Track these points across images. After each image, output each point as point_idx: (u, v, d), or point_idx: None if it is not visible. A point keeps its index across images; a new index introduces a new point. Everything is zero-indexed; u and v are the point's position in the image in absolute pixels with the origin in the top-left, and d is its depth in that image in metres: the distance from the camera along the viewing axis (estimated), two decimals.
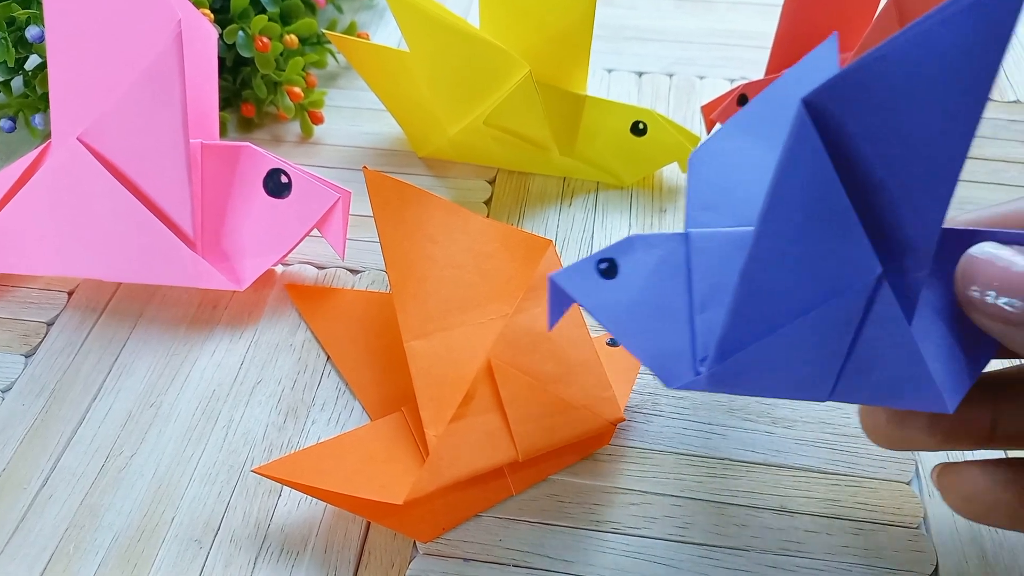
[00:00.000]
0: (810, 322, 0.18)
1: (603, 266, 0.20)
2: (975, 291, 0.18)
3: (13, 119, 0.36)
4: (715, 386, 0.19)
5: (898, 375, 0.19)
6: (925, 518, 0.26)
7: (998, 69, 0.15)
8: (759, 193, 0.17)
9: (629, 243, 0.20)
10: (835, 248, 0.17)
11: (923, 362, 0.18)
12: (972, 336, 0.19)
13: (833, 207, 0.17)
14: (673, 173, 0.38)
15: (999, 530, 0.25)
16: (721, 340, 0.19)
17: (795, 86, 0.22)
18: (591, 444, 0.27)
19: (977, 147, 0.39)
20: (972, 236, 0.19)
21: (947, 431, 0.21)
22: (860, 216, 0.17)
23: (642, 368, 0.29)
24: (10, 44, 0.34)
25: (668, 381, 0.20)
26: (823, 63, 0.22)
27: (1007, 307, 0.17)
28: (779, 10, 0.35)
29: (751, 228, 0.18)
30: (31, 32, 0.34)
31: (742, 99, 0.36)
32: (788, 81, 0.22)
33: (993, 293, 0.17)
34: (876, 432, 0.22)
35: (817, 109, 0.16)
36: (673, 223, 0.35)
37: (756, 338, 0.18)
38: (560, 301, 0.20)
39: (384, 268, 0.33)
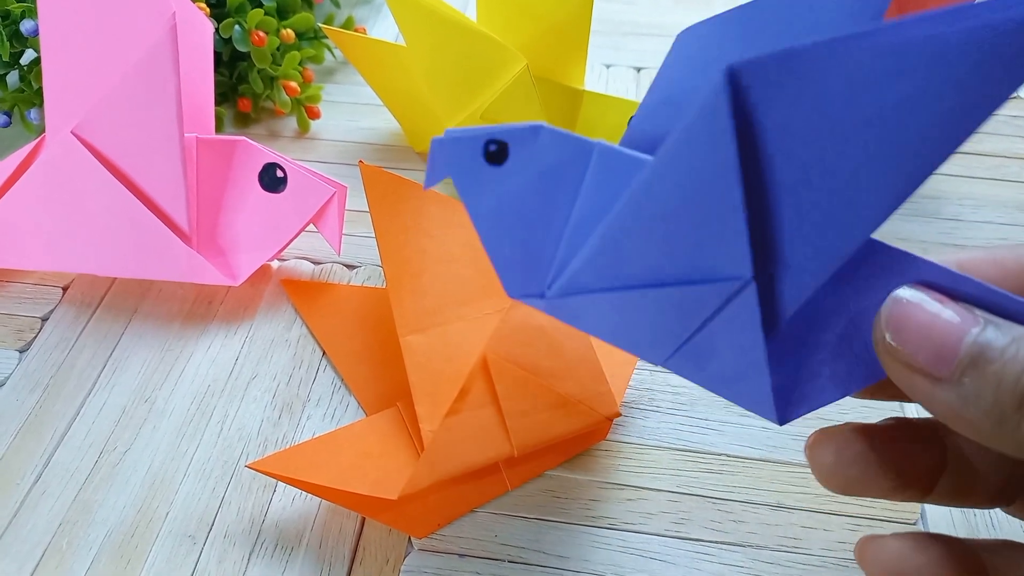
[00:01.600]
0: (658, 296, 0.17)
1: (492, 148, 0.17)
2: (893, 338, 0.16)
3: (8, 114, 0.36)
4: (551, 313, 0.18)
5: (735, 372, 0.17)
6: (922, 515, 0.26)
7: (983, 121, 0.12)
8: None
9: (534, 132, 0.17)
10: (711, 236, 0.15)
11: (764, 372, 0.17)
12: (850, 361, 0.17)
13: (722, 198, 0.14)
14: None
15: (995, 526, 0.25)
16: (571, 275, 0.18)
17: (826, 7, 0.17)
18: (587, 439, 0.27)
19: (978, 143, 0.39)
20: (907, 264, 0.16)
21: (895, 483, 0.19)
22: (750, 212, 0.15)
23: (639, 363, 0.29)
24: (5, 38, 0.34)
25: (509, 290, 0.19)
26: None
27: (929, 362, 0.15)
28: None
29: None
30: (26, 26, 0.33)
31: None
32: None
33: (911, 341, 0.16)
34: (822, 473, 0.19)
35: (741, 83, 0.13)
36: None
37: (603, 287, 0.17)
38: (437, 170, 0.18)
39: (380, 263, 0.33)
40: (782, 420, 0.17)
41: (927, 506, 0.26)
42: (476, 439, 0.24)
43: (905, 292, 0.16)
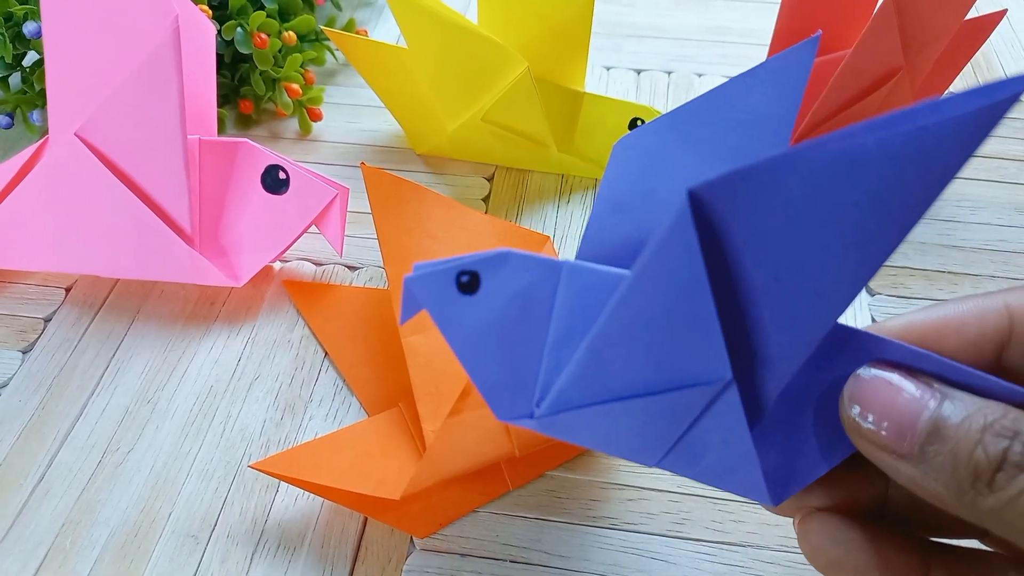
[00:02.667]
0: (646, 404, 0.17)
1: (464, 279, 0.18)
2: (857, 415, 0.16)
3: (11, 115, 0.36)
4: (543, 431, 0.19)
5: (728, 466, 0.18)
6: None
7: (933, 201, 0.13)
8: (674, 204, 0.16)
9: (502, 259, 0.18)
10: (690, 343, 0.16)
11: (755, 461, 0.17)
12: (831, 434, 0.18)
13: (696, 309, 0.15)
14: None
15: None
16: (557, 393, 0.18)
17: (755, 91, 0.19)
18: None
19: None
20: (871, 344, 0.17)
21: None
22: (723, 317, 0.15)
23: None
24: (8, 40, 0.34)
25: (498, 413, 0.19)
26: (794, 69, 0.18)
27: (891, 438, 0.16)
28: (777, 7, 0.35)
29: (627, 272, 0.17)
30: (29, 28, 0.34)
31: None
32: (746, 83, 0.19)
33: (875, 419, 0.16)
34: (810, 553, 0.19)
35: (703, 202, 0.14)
36: None
37: (591, 401, 0.18)
38: (410, 305, 0.18)
39: (382, 264, 0.33)
40: (776, 502, 0.18)
41: None
42: (478, 439, 0.25)
43: (865, 371, 0.17)
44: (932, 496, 0.16)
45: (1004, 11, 0.36)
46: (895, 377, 0.16)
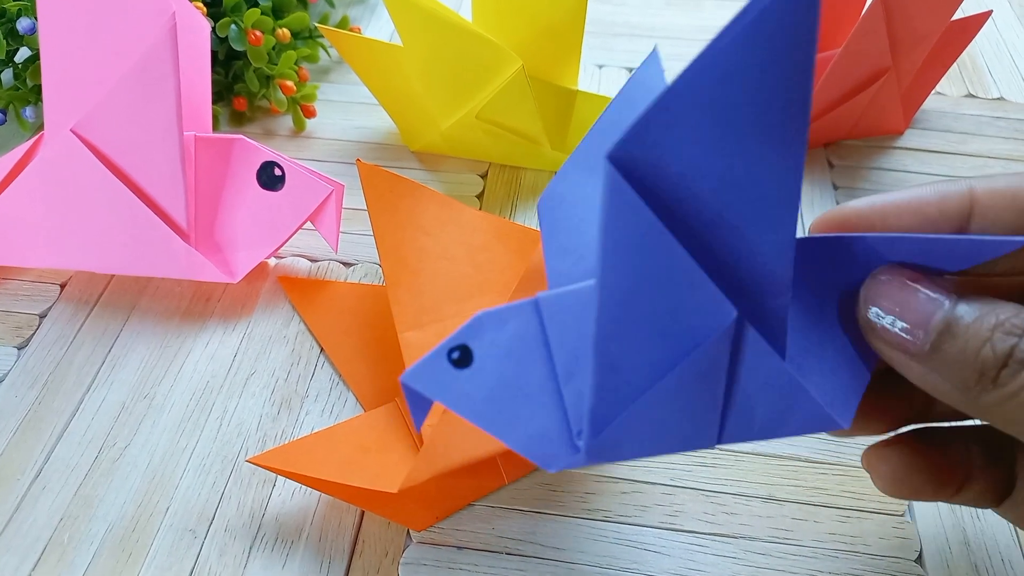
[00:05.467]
0: (676, 379, 0.17)
1: (455, 355, 0.18)
2: (876, 315, 0.17)
3: (4, 111, 0.36)
4: (596, 460, 0.18)
5: (782, 407, 0.18)
6: (909, 506, 0.26)
7: (811, 76, 0.14)
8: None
9: (479, 324, 0.18)
10: (682, 300, 0.16)
11: (804, 390, 0.18)
12: (858, 346, 0.18)
13: (669, 259, 0.15)
14: None
15: (980, 516, 0.26)
16: (591, 414, 0.17)
17: (625, 110, 0.20)
18: None
19: (961, 143, 0.39)
20: (881, 245, 0.17)
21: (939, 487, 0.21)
22: (701, 259, 0.16)
23: None
24: (1, 36, 0.34)
25: (547, 465, 0.18)
26: (650, 81, 0.20)
27: (906, 336, 0.16)
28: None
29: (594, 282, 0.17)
30: (22, 24, 0.34)
31: None
32: (616, 107, 0.20)
33: (891, 319, 0.17)
34: (885, 485, 0.21)
35: (625, 161, 0.14)
36: None
37: (625, 405, 0.17)
38: (419, 403, 0.18)
39: (377, 261, 0.33)
40: (848, 423, 0.18)
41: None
42: (474, 434, 0.25)
43: (882, 272, 0.17)
44: (940, 393, 0.17)
45: (989, 12, 0.37)
46: (912, 277, 0.17)
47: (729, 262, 0.16)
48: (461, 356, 0.18)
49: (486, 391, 0.18)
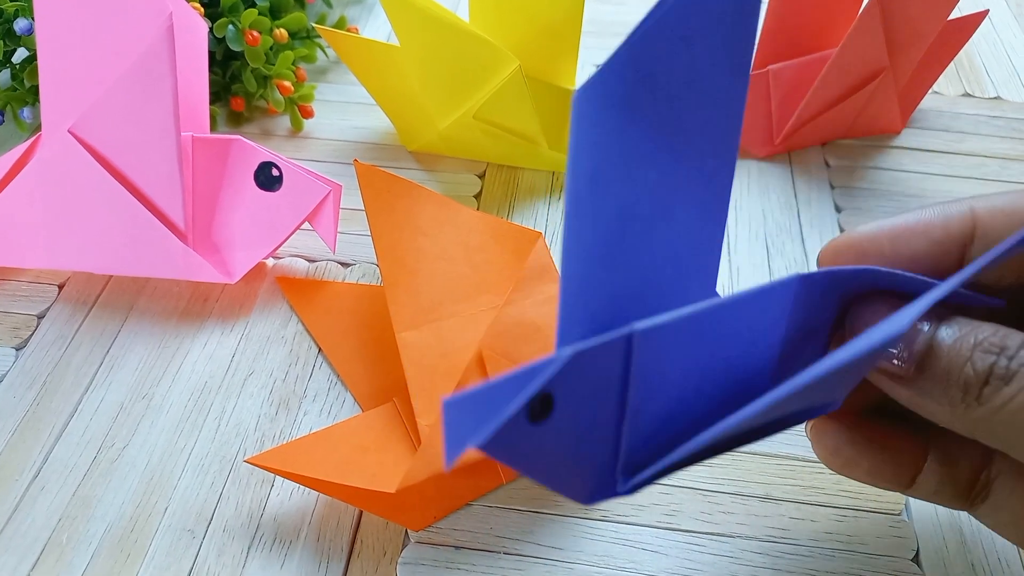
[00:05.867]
0: (728, 428, 0.15)
1: (537, 407, 0.14)
2: None
3: (1, 112, 0.36)
4: (631, 494, 0.17)
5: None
6: (906, 505, 0.26)
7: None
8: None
9: (576, 366, 0.14)
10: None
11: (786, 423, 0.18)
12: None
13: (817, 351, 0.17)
14: None
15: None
16: (662, 467, 0.16)
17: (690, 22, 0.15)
18: None
19: (958, 142, 0.39)
20: (865, 276, 0.18)
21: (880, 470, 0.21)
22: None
23: None
24: None
25: (585, 501, 0.17)
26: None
27: (892, 361, 0.17)
28: (764, 6, 0.36)
29: (696, 308, 0.16)
30: (19, 25, 0.34)
31: None
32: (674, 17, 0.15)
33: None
34: (828, 458, 0.21)
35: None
36: None
37: (698, 458, 0.17)
38: (460, 445, 0.13)
39: (375, 261, 0.33)
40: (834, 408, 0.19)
41: (911, 499, 0.26)
42: None
43: (864, 302, 0.18)
44: (930, 414, 0.17)
45: (986, 11, 0.37)
46: (894, 305, 0.17)
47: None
48: (542, 408, 0.14)
49: (553, 446, 0.15)
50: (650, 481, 0.17)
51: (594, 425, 0.16)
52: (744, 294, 0.16)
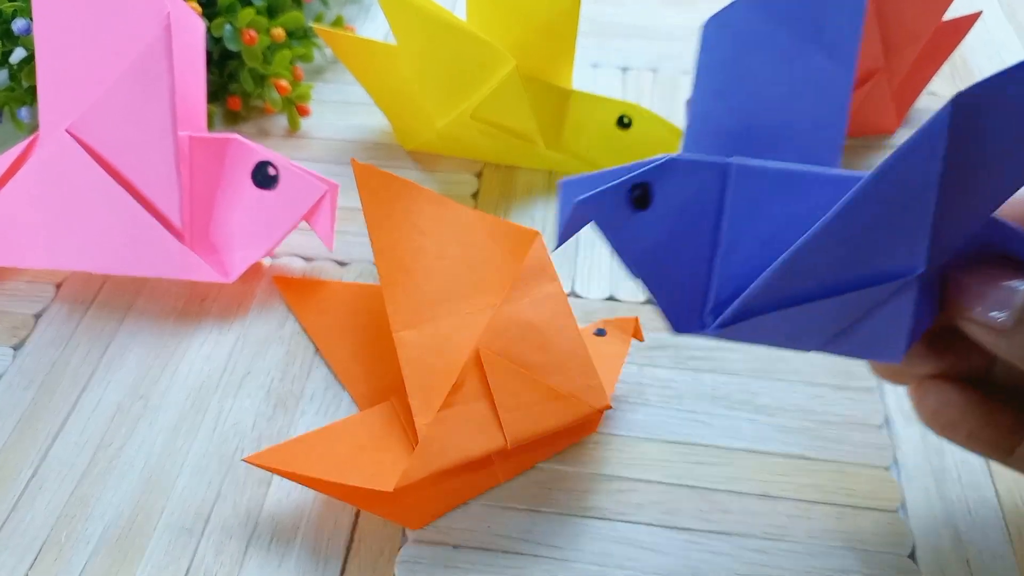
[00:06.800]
0: (834, 304, 0.18)
1: (636, 193, 0.18)
2: (960, 295, 0.19)
3: None
4: (720, 337, 0.19)
5: (875, 339, 0.19)
6: (903, 502, 0.26)
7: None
8: (777, 99, 0.17)
9: (671, 166, 0.18)
10: (895, 246, 0.17)
11: (905, 335, 0.19)
12: (931, 301, 0.20)
13: (919, 207, 0.16)
14: None
15: (973, 512, 0.26)
16: (742, 303, 0.18)
17: None
18: (578, 432, 0.28)
19: None
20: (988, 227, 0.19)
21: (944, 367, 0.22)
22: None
23: (628, 357, 0.29)
24: None
25: (677, 326, 0.19)
26: None
27: (992, 316, 0.18)
28: None
29: (797, 167, 0.18)
30: (17, 25, 0.34)
31: None
32: None
33: (975, 299, 0.18)
34: (879, 367, 0.23)
35: (965, 107, 0.15)
36: None
37: (775, 307, 0.18)
38: (576, 225, 0.18)
39: (372, 260, 0.33)
40: (900, 358, 0.19)
41: (906, 492, 0.26)
42: (469, 432, 0.25)
43: (974, 260, 0.19)
44: None
45: (979, 13, 0.37)
46: (999, 264, 0.19)
47: (942, 226, 0.17)
48: (642, 195, 0.18)
49: (652, 241, 0.18)
50: (733, 321, 0.19)
51: (690, 243, 0.18)
52: (843, 174, 0.18)
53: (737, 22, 0.20)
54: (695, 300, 0.19)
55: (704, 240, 0.19)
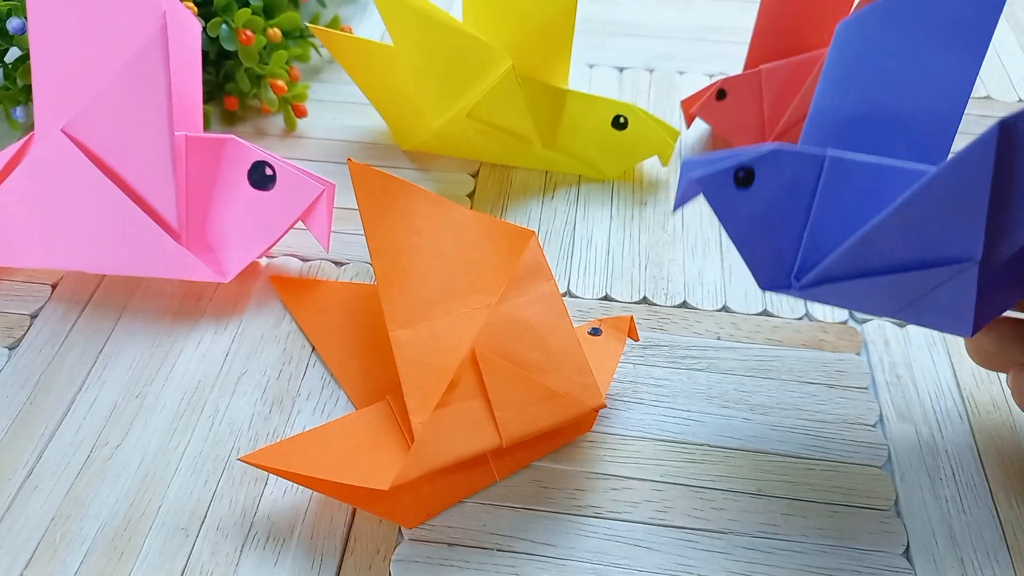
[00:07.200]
0: (901, 279, 0.21)
1: (741, 174, 0.21)
2: None
3: None
4: (803, 296, 0.23)
5: (944, 312, 0.22)
6: (896, 500, 0.26)
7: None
8: (898, 92, 0.21)
9: (774, 157, 0.21)
10: (953, 234, 0.20)
11: (971, 310, 0.21)
12: (1012, 283, 0.22)
13: (972, 208, 0.19)
14: (654, 166, 0.38)
15: (967, 511, 0.26)
16: (823, 269, 0.22)
17: None
18: (573, 431, 0.28)
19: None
20: None
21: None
22: (990, 206, 0.19)
23: (623, 356, 0.29)
24: None
25: (762, 284, 0.23)
26: None
27: None
28: (757, 6, 0.36)
29: (887, 161, 0.21)
30: (12, 24, 0.34)
31: (720, 94, 0.37)
32: None
33: None
34: (978, 354, 0.25)
35: (1012, 128, 0.18)
36: (653, 215, 0.36)
37: (850, 276, 0.22)
38: (689, 194, 0.22)
39: (368, 260, 0.33)
40: (972, 332, 0.22)
41: (900, 491, 0.27)
42: (465, 431, 0.25)
43: None
44: None
45: None
46: None
47: (1000, 215, 0.20)
48: (745, 177, 0.21)
49: (750, 214, 0.22)
50: (816, 284, 0.22)
51: (783, 218, 0.22)
52: (919, 169, 0.21)
53: (869, 23, 0.23)
54: (782, 265, 0.23)
55: (796, 216, 0.22)
